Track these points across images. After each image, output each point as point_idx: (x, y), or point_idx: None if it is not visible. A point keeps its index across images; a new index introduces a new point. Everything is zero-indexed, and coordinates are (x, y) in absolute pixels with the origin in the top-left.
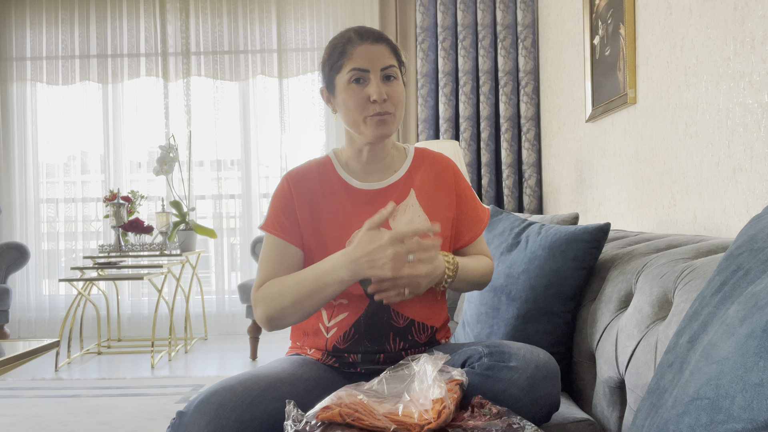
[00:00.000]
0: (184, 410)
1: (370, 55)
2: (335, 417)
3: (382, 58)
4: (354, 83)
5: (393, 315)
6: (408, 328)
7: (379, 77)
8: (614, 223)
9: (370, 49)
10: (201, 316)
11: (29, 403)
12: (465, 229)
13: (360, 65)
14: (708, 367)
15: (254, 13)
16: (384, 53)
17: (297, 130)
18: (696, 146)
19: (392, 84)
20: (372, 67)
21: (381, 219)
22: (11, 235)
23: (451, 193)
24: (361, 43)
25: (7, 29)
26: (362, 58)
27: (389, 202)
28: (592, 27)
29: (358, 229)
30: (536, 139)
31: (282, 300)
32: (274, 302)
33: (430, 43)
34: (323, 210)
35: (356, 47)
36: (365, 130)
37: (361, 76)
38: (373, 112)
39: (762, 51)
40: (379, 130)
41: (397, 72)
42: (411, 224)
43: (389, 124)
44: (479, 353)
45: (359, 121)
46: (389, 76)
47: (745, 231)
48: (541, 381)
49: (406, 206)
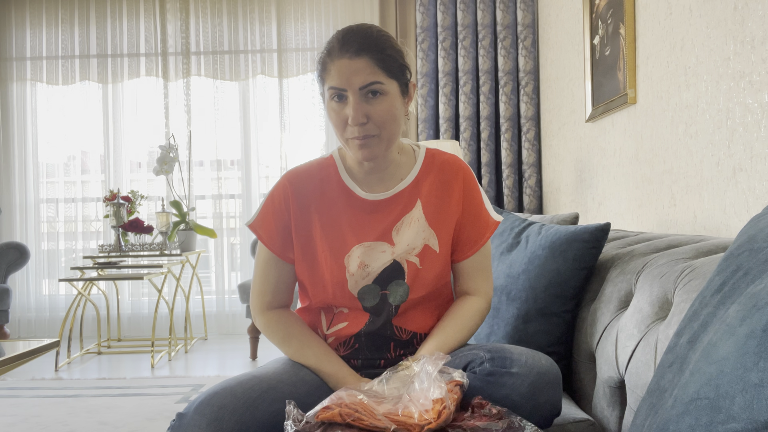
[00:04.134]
0: (184, 412)
1: (346, 72)
2: (335, 417)
3: (362, 75)
4: (335, 101)
5: (396, 330)
6: (410, 341)
7: (357, 97)
8: (614, 223)
9: (348, 65)
10: (201, 316)
11: (29, 403)
12: (461, 244)
13: (336, 84)
14: (708, 367)
15: (254, 13)
16: (365, 69)
17: (297, 130)
18: (696, 146)
19: (376, 102)
20: (349, 86)
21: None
22: (11, 235)
23: (459, 205)
24: (340, 56)
25: (7, 29)
26: (338, 76)
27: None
28: (592, 27)
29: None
30: (536, 139)
31: (281, 347)
32: (274, 340)
33: (430, 43)
34: (321, 222)
35: (334, 61)
36: (350, 150)
37: (338, 93)
38: (351, 135)
39: (762, 51)
40: (362, 153)
41: (384, 86)
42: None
43: (373, 146)
44: (481, 358)
45: (342, 141)
46: (374, 92)
47: (745, 231)
48: (543, 387)
49: (411, 219)
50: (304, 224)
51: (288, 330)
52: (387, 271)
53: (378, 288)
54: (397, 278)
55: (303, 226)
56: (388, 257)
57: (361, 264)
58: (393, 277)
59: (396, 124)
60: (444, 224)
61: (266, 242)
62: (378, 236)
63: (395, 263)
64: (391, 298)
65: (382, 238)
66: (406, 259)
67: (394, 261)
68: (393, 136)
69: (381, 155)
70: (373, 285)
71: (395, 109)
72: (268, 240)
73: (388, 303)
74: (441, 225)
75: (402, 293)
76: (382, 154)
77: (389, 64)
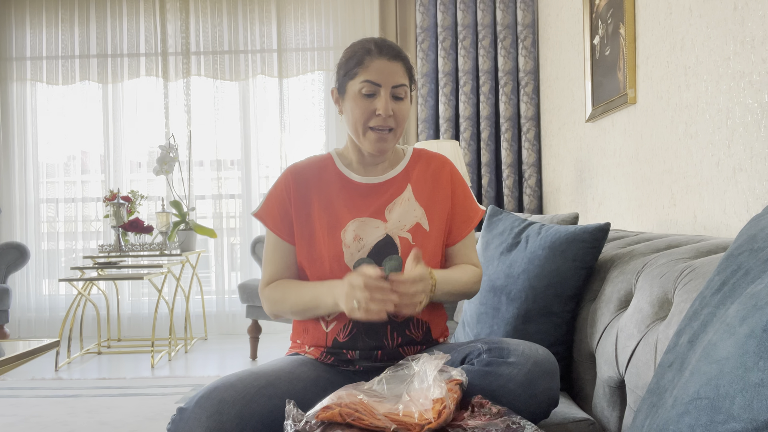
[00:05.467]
0: (185, 406)
1: (385, 70)
2: (335, 417)
3: (396, 76)
4: (364, 94)
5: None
6: (406, 323)
7: (389, 93)
8: (614, 223)
9: (387, 65)
10: (201, 316)
11: (29, 403)
12: (454, 227)
13: (373, 78)
14: (708, 367)
15: (254, 13)
16: (399, 71)
17: (297, 130)
18: (696, 146)
19: (399, 103)
20: (384, 83)
21: (370, 272)
22: (11, 235)
23: (447, 190)
24: (379, 57)
25: (7, 29)
26: (377, 72)
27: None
28: (592, 27)
29: (350, 219)
30: (536, 139)
31: (282, 306)
32: (276, 305)
33: (430, 43)
34: (316, 201)
35: (374, 60)
36: (364, 142)
37: (372, 89)
38: (375, 123)
39: (762, 51)
40: (377, 145)
41: (407, 92)
42: (405, 216)
43: (388, 141)
44: (478, 350)
45: (360, 130)
46: (398, 96)
47: (745, 231)
48: (539, 377)
49: (402, 200)
50: (303, 207)
51: (284, 286)
52: (380, 245)
53: (372, 262)
54: (391, 252)
55: (303, 209)
56: (381, 232)
57: (356, 237)
58: (387, 251)
59: (404, 126)
60: (434, 207)
61: (271, 227)
62: (371, 214)
63: (388, 237)
64: (386, 271)
65: (375, 215)
66: (398, 234)
67: (386, 235)
68: (400, 136)
69: (388, 151)
70: (368, 259)
71: (409, 111)
72: (273, 225)
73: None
74: (431, 206)
75: (396, 265)
76: (390, 150)
77: (411, 74)
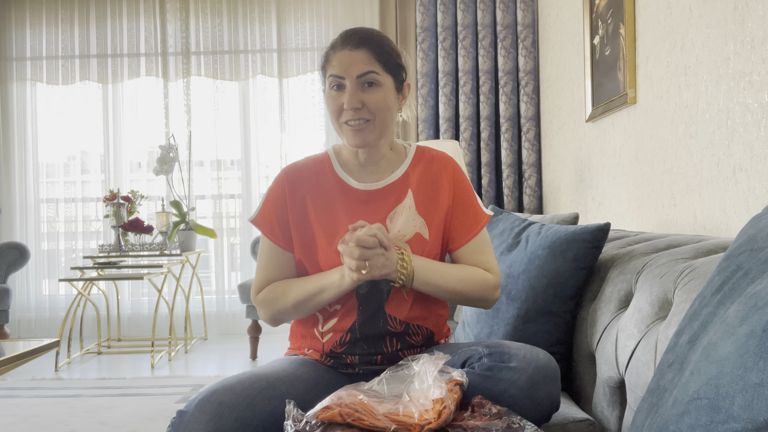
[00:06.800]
0: (185, 409)
1: (346, 61)
2: (335, 417)
3: (360, 64)
4: (334, 89)
5: (389, 320)
6: (405, 331)
7: (354, 85)
8: (614, 223)
9: (348, 55)
10: (201, 316)
11: (29, 403)
12: (455, 233)
13: (336, 72)
14: (708, 367)
15: (254, 13)
16: (363, 59)
17: (297, 130)
18: (696, 146)
19: (371, 91)
20: (347, 74)
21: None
22: (11, 235)
23: (449, 195)
24: (342, 48)
25: (7, 29)
26: (338, 65)
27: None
28: (592, 27)
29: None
30: (536, 139)
31: (284, 300)
32: (276, 303)
33: (430, 43)
34: (315, 209)
35: (336, 52)
36: (344, 137)
37: (338, 82)
38: (345, 118)
39: (762, 51)
40: (355, 138)
41: (380, 78)
42: (405, 227)
43: (366, 132)
44: (479, 353)
45: (337, 127)
46: (370, 83)
47: (745, 231)
48: (541, 382)
49: (403, 208)
50: (300, 213)
51: (284, 282)
52: None
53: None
54: None
55: (299, 215)
56: None
57: None
58: None
59: (389, 113)
60: (434, 213)
61: (268, 234)
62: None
63: None
64: (382, 282)
65: None
66: (396, 245)
67: None
68: (386, 125)
69: (373, 142)
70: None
71: (389, 100)
72: (269, 232)
73: (380, 289)
74: (431, 214)
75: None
76: (374, 142)
77: (386, 59)
